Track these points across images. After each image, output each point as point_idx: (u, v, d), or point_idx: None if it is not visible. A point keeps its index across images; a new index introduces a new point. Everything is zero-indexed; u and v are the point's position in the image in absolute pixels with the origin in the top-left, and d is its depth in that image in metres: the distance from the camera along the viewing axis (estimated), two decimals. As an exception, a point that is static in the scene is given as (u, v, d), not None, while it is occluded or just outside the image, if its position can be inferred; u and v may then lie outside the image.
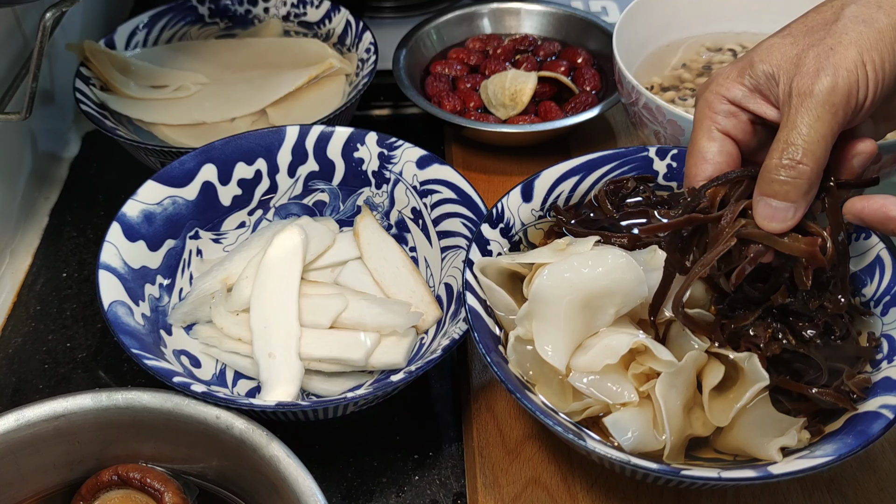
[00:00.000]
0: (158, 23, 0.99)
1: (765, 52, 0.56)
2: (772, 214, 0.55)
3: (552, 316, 0.59)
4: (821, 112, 0.53)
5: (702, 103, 0.59)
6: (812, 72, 0.53)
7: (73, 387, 0.73)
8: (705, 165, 0.58)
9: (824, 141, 0.53)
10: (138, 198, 0.71)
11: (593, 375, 0.58)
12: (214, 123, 0.90)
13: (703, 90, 0.60)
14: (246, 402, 0.58)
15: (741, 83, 0.58)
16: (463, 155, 0.93)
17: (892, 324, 0.61)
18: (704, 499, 0.62)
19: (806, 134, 0.53)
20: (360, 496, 0.66)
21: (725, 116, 0.58)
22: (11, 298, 0.81)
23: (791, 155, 0.54)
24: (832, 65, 0.53)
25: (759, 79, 0.56)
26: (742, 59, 0.58)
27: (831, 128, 0.53)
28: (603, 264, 0.59)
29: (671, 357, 0.57)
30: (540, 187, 0.69)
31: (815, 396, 0.57)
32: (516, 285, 0.64)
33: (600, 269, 0.58)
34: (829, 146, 0.54)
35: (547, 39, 1.02)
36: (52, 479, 0.60)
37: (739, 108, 0.58)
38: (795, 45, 0.55)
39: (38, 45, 0.72)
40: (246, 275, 0.71)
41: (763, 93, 0.57)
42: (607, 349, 0.58)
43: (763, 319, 0.59)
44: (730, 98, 0.58)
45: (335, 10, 0.99)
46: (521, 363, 0.60)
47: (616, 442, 0.57)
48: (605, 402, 0.58)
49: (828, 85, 0.52)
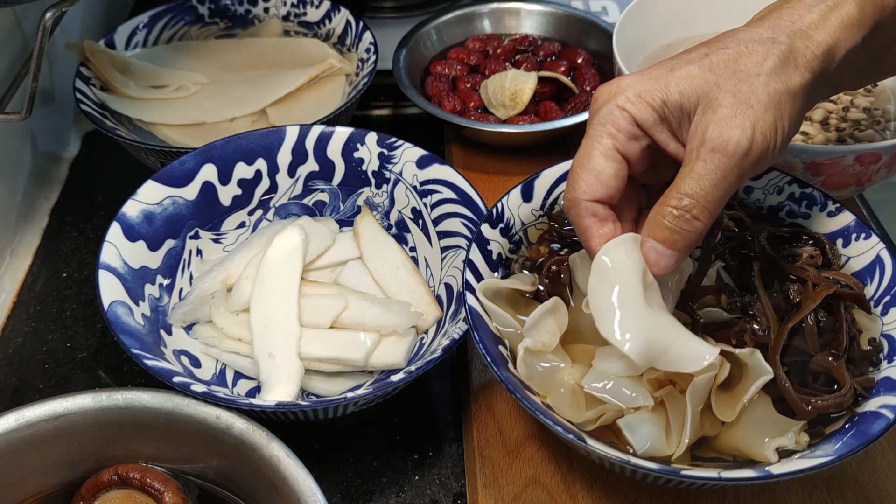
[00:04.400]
0: (158, 23, 0.99)
1: (684, 80, 0.54)
2: (656, 260, 0.55)
3: (624, 293, 0.54)
4: (728, 173, 0.52)
5: (606, 116, 0.55)
6: (729, 124, 0.52)
7: (73, 387, 0.73)
8: (597, 186, 0.55)
9: (723, 199, 0.53)
10: (138, 198, 0.71)
11: (608, 381, 0.58)
12: (214, 123, 0.90)
13: (607, 98, 0.56)
14: (246, 402, 0.58)
15: (653, 107, 0.54)
16: (463, 155, 0.93)
17: (892, 324, 0.61)
18: (704, 499, 0.62)
19: (709, 191, 0.52)
20: (360, 496, 0.66)
21: (628, 138, 0.55)
22: (11, 298, 0.81)
23: (688, 208, 0.53)
24: (751, 125, 0.52)
25: (671, 108, 0.54)
26: (657, 78, 0.55)
27: (733, 187, 0.53)
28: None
29: (769, 369, 0.56)
30: (540, 187, 0.69)
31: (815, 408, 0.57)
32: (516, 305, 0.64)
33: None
34: (725, 202, 0.54)
35: (547, 39, 1.02)
36: (52, 479, 0.60)
37: (644, 132, 0.56)
38: (717, 87, 0.53)
39: (38, 45, 0.72)
40: (246, 275, 0.71)
41: (670, 123, 0.55)
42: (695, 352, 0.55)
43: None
44: (638, 120, 0.55)
45: (335, 10, 0.99)
46: (532, 375, 0.59)
47: (631, 447, 0.56)
48: (620, 408, 0.57)
49: (744, 147, 0.52)
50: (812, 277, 0.62)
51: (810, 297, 0.61)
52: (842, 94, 0.85)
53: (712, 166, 0.52)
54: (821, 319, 0.60)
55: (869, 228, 0.65)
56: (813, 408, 0.56)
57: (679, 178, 0.54)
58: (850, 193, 0.77)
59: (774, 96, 0.52)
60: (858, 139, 0.80)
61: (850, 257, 0.65)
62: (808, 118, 0.83)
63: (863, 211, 0.86)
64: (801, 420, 0.57)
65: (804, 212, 0.68)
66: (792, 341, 0.59)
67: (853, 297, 0.62)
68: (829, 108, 0.84)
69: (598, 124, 0.56)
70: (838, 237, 0.66)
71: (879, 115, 0.83)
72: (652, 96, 0.54)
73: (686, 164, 0.53)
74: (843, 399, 0.56)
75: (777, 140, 0.53)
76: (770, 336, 0.59)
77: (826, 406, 0.56)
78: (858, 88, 0.64)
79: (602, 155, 0.55)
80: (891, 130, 0.81)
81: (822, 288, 0.61)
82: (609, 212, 0.57)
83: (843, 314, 0.60)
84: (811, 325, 0.59)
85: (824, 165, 0.71)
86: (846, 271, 0.65)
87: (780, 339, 0.59)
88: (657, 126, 0.55)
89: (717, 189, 0.52)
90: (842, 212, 0.66)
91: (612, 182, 0.55)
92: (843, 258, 0.65)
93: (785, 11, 0.56)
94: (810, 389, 0.58)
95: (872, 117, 0.83)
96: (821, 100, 0.59)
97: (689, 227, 0.53)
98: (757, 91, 0.52)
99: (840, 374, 0.57)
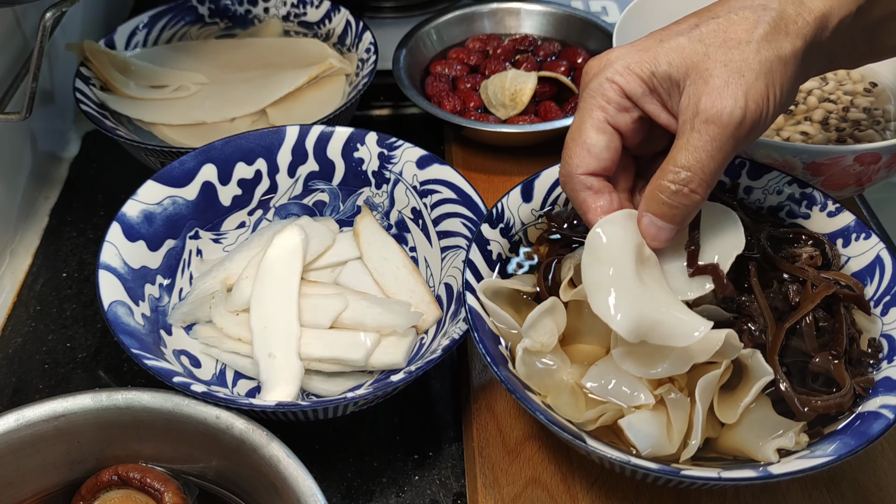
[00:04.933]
0: (158, 23, 0.99)
1: (674, 52, 0.54)
2: (655, 234, 0.56)
3: (616, 269, 0.55)
4: (724, 143, 0.52)
5: (595, 88, 0.56)
6: (721, 94, 0.51)
7: (73, 387, 0.73)
8: (590, 159, 0.56)
9: (720, 170, 0.53)
10: (138, 198, 0.71)
11: (608, 380, 0.58)
12: (214, 123, 0.90)
13: (597, 71, 0.56)
14: (246, 402, 0.58)
15: (641, 79, 0.55)
16: (463, 155, 0.93)
17: (892, 324, 0.61)
18: (704, 499, 0.62)
19: (706, 163, 0.52)
20: (360, 496, 0.66)
21: (618, 110, 0.56)
22: (11, 298, 0.81)
23: (686, 181, 0.53)
24: (743, 94, 0.51)
25: (660, 79, 0.54)
26: (647, 49, 0.55)
27: (729, 157, 0.53)
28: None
29: (770, 370, 0.56)
30: (540, 187, 0.69)
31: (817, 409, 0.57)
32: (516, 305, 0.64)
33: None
34: (722, 173, 0.54)
35: (547, 39, 1.02)
36: (52, 479, 0.60)
37: (634, 104, 0.56)
38: (707, 58, 0.53)
39: (38, 45, 0.72)
40: (246, 275, 0.71)
41: (660, 94, 0.55)
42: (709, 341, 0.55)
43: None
44: (627, 91, 0.55)
45: (335, 10, 0.99)
46: (531, 375, 0.59)
47: (634, 448, 0.56)
48: (620, 407, 0.57)
49: (737, 117, 0.51)
50: (811, 278, 0.62)
51: (809, 297, 0.61)
52: (841, 94, 0.85)
53: (707, 137, 0.52)
54: (820, 320, 0.60)
55: (869, 228, 0.65)
56: (812, 409, 0.56)
57: (674, 151, 0.53)
58: (850, 193, 0.77)
59: (765, 63, 0.52)
60: (858, 139, 0.80)
61: (850, 257, 0.65)
62: (808, 118, 0.83)
63: (863, 211, 0.86)
64: (800, 421, 0.57)
65: (804, 212, 0.68)
66: (791, 342, 0.59)
67: (853, 297, 0.62)
68: (829, 108, 0.84)
69: (588, 97, 0.56)
70: (838, 237, 0.66)
71: (879, 115, 0.83)
72: (641, 68, 0.54)
73: (680, 136, 0.53)
74: (842, 400, 0.56)
75: (770, 107, 0.53)
76: (767, 337, 0.59)
77: (826, 407, 0.56)
78: (856, 67, 0.64)
79: (593, 128, 0.56)
80: (891, 130, 0.81)
81: (822, 288, 0.61)
82: (604, 183, 0.57)
83: (843, 315, 0.60)
84: (810, 326, 0.59)
85: (824, 165, 0.71)
86: (846, 271, 0.65)
87: (777, 340, 0.59)
88: (647, 97, 0.55)
89: (713, 160, 0.52)
90: (842, 212, 0.66)
91: (604, 154, 0.56)
92: (842, 258, 0.65)
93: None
94: (810, 390, 0.58)
95: (872, 117, 0.83)
96: (816, 73, 0.59)
97: (687, 200, 0.54)
98: (748, 59, 0.52)
99: (840, 375, 0.57)
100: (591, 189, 0.57)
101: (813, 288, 0.61)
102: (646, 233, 0.56)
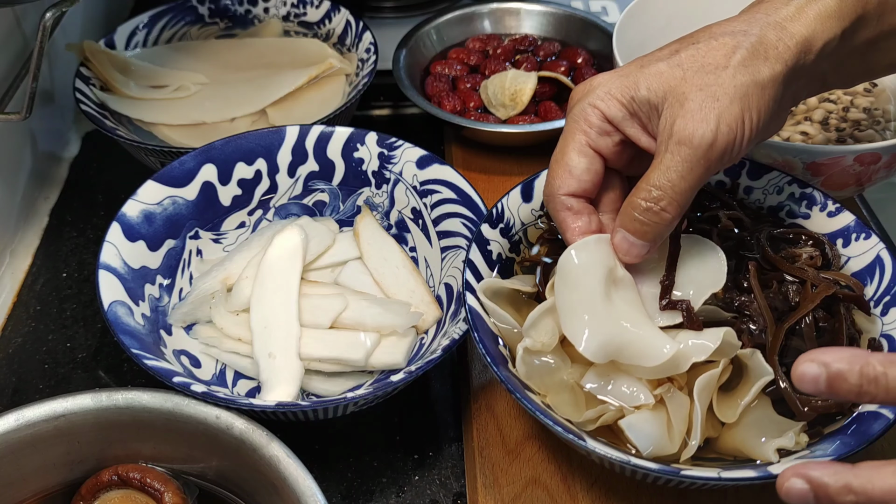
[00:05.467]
0: (158, 23, 0.99)
1: (653, 77, 0.55)
2: (627, 249, 0.57)
3: (584, 293, 0.56)
4: (694, 164, 0.53)
5: (578, 113, 0.58)
6: (695, 117, 0.53)
7: (73, 387, 0.73)
8: (571, 180, 0.58)
9: (691, 191, 0.55)
10: (138, 198, 0.71)
11: (608, 380, 0.58)
12: (214, 123, 0.90)
13: (581, 97, 0.58)
14: (246, 402, 0.58)
15: (622, 103, 0.56)
16: (463, 155, 0.93)
17: (891, 324, 0.61)
18: (704, 499, 0.62)
19: (676, 182, 0.54)
20: (360, 496, 0.66)
21: (600, 134, 0.58)
22: (11, 298, 0.81)
23: (657, 199, 0.54)
24: (715, 117, 0.53)
25: (640, 103, 0.56)
26: (627, 75, 0.57)
27: (701, 179, 0.54)
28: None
29: (770, 370, 0.57)
30: (540, 187, 0.69)
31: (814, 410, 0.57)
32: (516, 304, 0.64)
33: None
34: (694, 194, 0.55)
35: (547, 39, 1.02)
36: (52, 479, 0.60)
37: (615, 128, 0.58)
38: (685, 82, 0.54)
39: (38, 45, 0.72)
40: (246, 275, 0.71)
41: (640, 118, 0.57)
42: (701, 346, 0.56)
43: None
44: (608, 116, 0.57)
45: (335, 10, 0.99)
46: (531, 374, 0.59)
47: (634, 448, 0.56)
48: (620, 407, 0.57)
49: (708, 139, 0.53)
50: (811, 278, 0.62)
51: (809, 297, 0.61)
52: (841, 94, 0.85)
53: (679, 158, 0.53)
54: (820, 320, 0.60)
55: (869, 228, 0.65)
56: (812, 408, 0.56)
57: (649, 171, 0.55)
58: (850, 193, 0.77)
59: (741, 88, 0.53)
60: (858, 139, 0.80)
61: (850, 257, 0.65)
62: (808, 118, 0.83)
63: (863, 211, 0.86)
64: (800, 421, 0.57)
65: (804, 212, 0.68)
66: (791, 342, 0.59)
67: (853, 297, 0.62)
68: (829, 108, 0.84)
69: (572, 121, 0.58)
70: (838, 237, 0.66)
71: (879, 115, 0.83)
72: (621, 93, 0.56)
73: (656, 157, 0.55)
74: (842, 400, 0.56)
75: (745, 131, 0.54)
76: (767, 337, 0.59)
77: (826, 407, 0.56)
78: (852, 86, 0.65)
79: (575, 150, 0.58)
80: (891, 130, 0.81)
81: (822, 289, 0.61)
82: (584, 205, 0.59)
83: (843, 315, 0.60)
84: (810, 326, 0.59)
85: (824, 165, 0.71)
86: (846, 271, 0.65)
87: (777, 340, 0.59)
88: (627, 121, 0.57)
89: (684, 180, 0.54)
90: (842, 212, 0.66)
91: (584, 176, 0.58)
92: (842, 258, 0.65)
93: (764, 4, 0.57)
94: None
95: (872, 117, 0.83)
96: (807, 95, 0.60)
97: (658, 218, 0.55)
98: (724, 84, 0.53)
99: None
100: (570, 210, 0.59)
101: (813, 288, 0.61)
102: (618, 248, 0.58)
